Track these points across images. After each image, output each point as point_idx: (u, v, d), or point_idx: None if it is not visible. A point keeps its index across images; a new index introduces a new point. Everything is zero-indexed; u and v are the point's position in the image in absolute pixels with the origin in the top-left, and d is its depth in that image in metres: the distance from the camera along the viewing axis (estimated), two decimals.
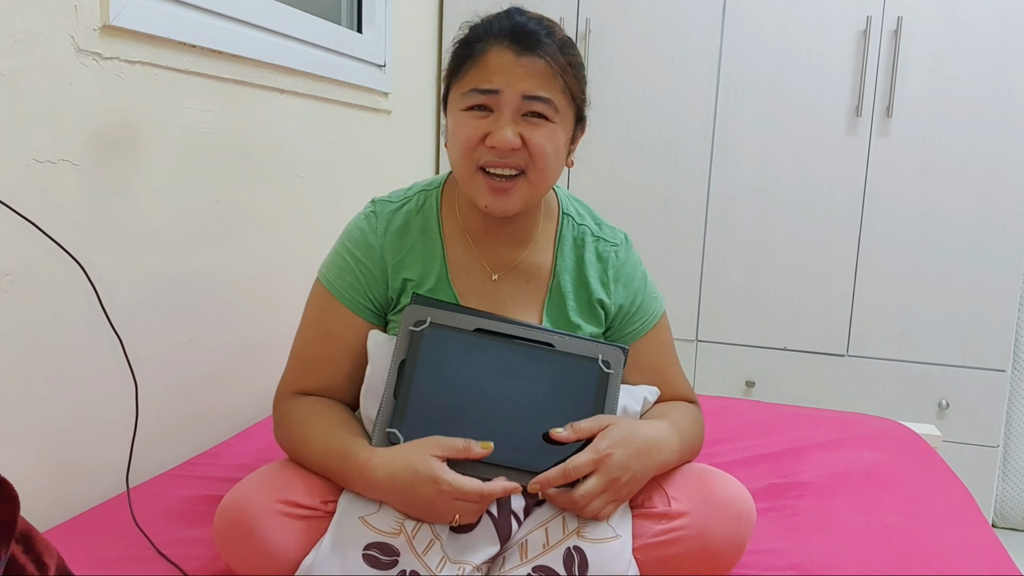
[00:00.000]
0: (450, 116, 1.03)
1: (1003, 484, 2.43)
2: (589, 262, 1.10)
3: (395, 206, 1.09)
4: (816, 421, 1.65)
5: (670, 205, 2.38)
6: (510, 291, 1.08)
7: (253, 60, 1.52)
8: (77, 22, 1.12)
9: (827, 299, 2.31)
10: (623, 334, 1.11)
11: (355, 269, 1.06)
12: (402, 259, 1.06)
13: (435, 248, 1.07)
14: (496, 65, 0.97)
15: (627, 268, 1.12)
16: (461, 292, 1.07)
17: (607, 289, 1.10)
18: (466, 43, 1.01)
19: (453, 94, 1.02)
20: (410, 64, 2.31)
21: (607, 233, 1.13)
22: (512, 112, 0.97)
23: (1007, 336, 2.21)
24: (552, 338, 0.99)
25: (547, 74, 0.97)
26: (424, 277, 1.06)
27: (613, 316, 1.11)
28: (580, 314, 1.09)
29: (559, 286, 1.09)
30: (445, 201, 1.11)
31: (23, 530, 0.63)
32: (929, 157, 2.20)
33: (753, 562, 1.07)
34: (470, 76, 0.99)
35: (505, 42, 0.98)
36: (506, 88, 0.96)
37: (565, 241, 1.11)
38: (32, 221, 1.05)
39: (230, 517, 0.91)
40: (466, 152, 0.99)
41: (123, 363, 1.19)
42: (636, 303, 1.11)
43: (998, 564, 1.09)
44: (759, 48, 2.28)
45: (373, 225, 1.08)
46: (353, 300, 1.06)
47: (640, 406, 1.07)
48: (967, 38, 2.14)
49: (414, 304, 0.98)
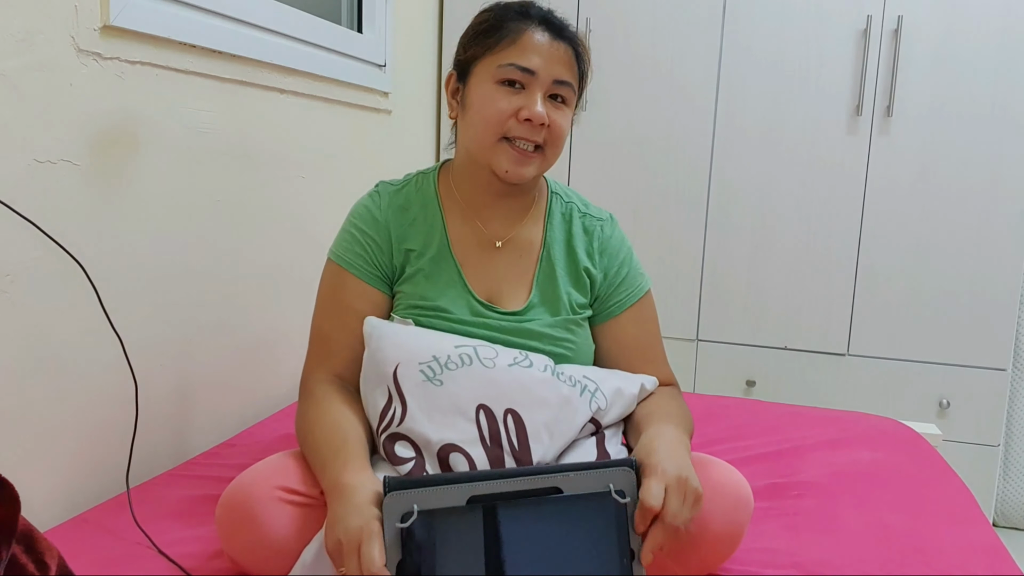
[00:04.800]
0: (477, 87, 1.08)
1: (1004, 483, 2.43)
2: (576, 235, 1.18)
3: (397, 187, 1.17)
4: (816, 420, 1.65)
5: (670, 204, 2.38)
6: (506, 261, 1.15)
7: (253, 60, 1.52)
8: (77, 22, 1.12)
9: (827, 298, 2.31)
10: (609, 305, 1.17)
11: (362, 241, 1.12)
12: (404, 231, 1.13)
13: (435, 220, 1.14)
14: (535, 45, 1.06)
15: (612, 242, 1.19)
16: (462, 261, 1.12)
17: (592, 259, 1.17)
18: (501, 19, 1.09)
19: (484, 65, 1.08)
20: (410, 64, 2.31)
21: (593, 211, 1.21)
22: (543, 92, 1.06)
23: (1007, 335, 2.21)
24: (556, 480, 0.85)
25: (571, 61, 1.09)
26: (426, 247, 1.12)
27: (599, 285, 1.17)
28: (568, 282, 1.15)
29: (549, 256, 1.16)
30: (442, 182, 1.18)
31: (24, 530, 0.63)
32: (929, 156, 2.20)
33: (754, 560, 1.07)
34: (509, 51, 1.06)
35: (543, 26, 1.08)
36: (542, 70, 1.05)
37: (554, 217, 1.19)
38: (32, 221, 1.05)
39: (232, 504, 0.93)
40: (498, 122, 1.06)
41: (123, 363, 1.19)
42: (621, 274, 1.17)
43: (999, 563, 1.08)
44: (759, 47, 2.28)
45: (377, 202, 1.14)
46: (363, 269, 1.11)
47: (636, 389, 1.10)
48: (968, 37, 2.14)
49: (392, 493, 0.81)
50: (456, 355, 1.02)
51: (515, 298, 1.13)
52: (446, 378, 1.01)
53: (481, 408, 1.00)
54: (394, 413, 1.00)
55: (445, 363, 1.01)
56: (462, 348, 1.03)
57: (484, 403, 1.00)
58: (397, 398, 1.00)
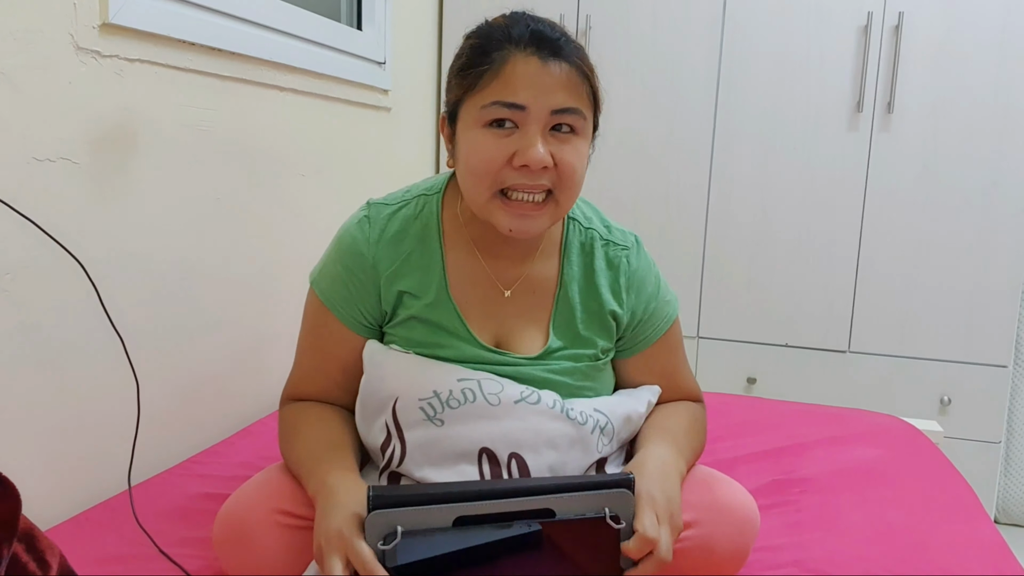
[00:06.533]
0: (464, 134, 0.92)
1: (1005, 480, 2.43)
2: (599, 270, 1.03)
3: (391, 209, 1.01)
4: (818, 417, 1.65)
5: (671, 202, 2.38)
6: (517, 305, 1.01)
7: (253, 58, 1.52)
8: (76, 20, 1.12)
9: (828, 295, 2.31)
10: (635, 343, 1.07)
11: (346, 281, 0.99)
12: (397, 269, 0.99)
13: (434, 258, 0.99)
14: (522, 75, 0.88)
15: (639, 274, 1.05)
16: (463, 307, 0.99)
17: (619, 299, 1.03)
18: (481, 51, 0.91)
19: (468, 107, 0.92)
20: (410, 61, 2.30)
21: (616, 236, 1.06)
22: (541, 128, 0.89)
23: (1009, 331, 2.21)
24: (549, 502, 0.80)
25: (574, 81, 0.90)
26: (422, 290, 0.99)
27: (625, 326, 1.05)
28: (589, 327, 1.02)
29: (567, 297, 1.02)
30: (447, 206, 1.02)
31: (25, 529, 0.63)
32: (930, 153, 2.20)
33: (755, 559, 1.06)
34: (493, 87, 0.89)
35: (530, 48, 0.89)
36: (534, 103, 0.88)
37: (572, 248, 1.03)
38: (32, 220, 1.05)
39: (229, 527, 0.90)
40: (488, 174, 0.90)
41: (124, 361, 1.19)
42: (649, 310, 1.06)
43: (1000, 560, 1.08)
44: (760, 44, 2.27)
45: (366, 232, 0.99)
46: (345, 314, 1.00)
47: (644, 408, 1.04)
48: (968, 33, 2.14)
49: (375, 512, 0.77)
50: (459, 390, 0.94)
51: (530, 342, 1.01)
52: (447, 417, 0.94)
53: (484, 452, 0.93)
54: (393, 451, 0.95)
55: (447, 400, 0.94)
56: (465, 383, 0.95)
57: (487, 446, 0.93)
58: (396, 436, 0.95)
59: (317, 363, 1.03)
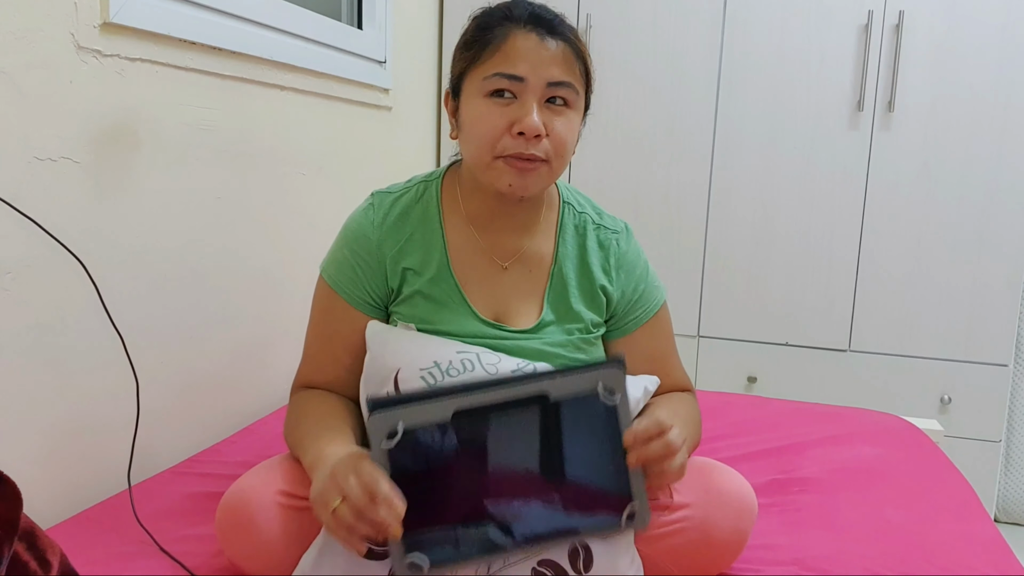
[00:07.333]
0: (467, 103, 1.01)
1: (1005, 479, 2.43)
2: (591, 249, 1.10)
3: (394, 196, 1.09)
4: (818, 416, 1.65)
5: (671, 200, 2.38)
6: (513, 279, 1.08)
7: (253, 57, 1.52)
8: (77, 19, 1.12)
9: (829, 294, 2.31)
10: (624, 323, 1.12)
11: (353, 264, 1.06)
12: (401, 248, 1.06)
13: (435, 236, 1.07)
14: (521, 49, 0.97)
15: (629, 256, 1.12)
16: (463, 280, 1.06)
17: (609, 276, 1.10)
18: (484, 28, 1.00)
19: (471, 79, 1.00)
20: (410, 60, 2.30)
21: (608, 221, 1.14)
22: (537, 99, 0.98)
23: (1009, 330, 2.21)
24: (543, 385, 0.84)
25: (568, 58, 0.99)
26: (424, 266, 1.06)
27: (615, 304, 1.11)
28: (582, 301, 1.09)
29: (561, 273, 1.09)
30: (446, 189, 1.10)
31: (26, 528, 0.63)
32: (931, 151, 2.20)
33: (755, 557, 1.07)
34: (494, 60, 0.98)
35: (528, 26, 0.98)
36: (531, 75, 0.97)
37: (567, 229, 1.11)
38: (33, 219, 1.05)
39: (231, 508, 0.92)
40: (491, 140, 0.98)
41: (124, 360, 1.19)
42: (638, 291, 1.12)
43: (1000, 559, 1.08)
44: (760, 42, 2.27)
45: (370, 217, 1.07)
46: (352, 295, 1.06)
47: (641, 394, 1.07)
48: (969, 32, 2.14)
49: (376, 414, 0.80)
50: (458, 360, 0.99)
51: (525, 316, 1.07)
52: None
53: None
54: None
55: (446, 369, 0.99)
56: (464, 354, 1.00)
57: None
58: None
59: (326, 348, 1.08)
